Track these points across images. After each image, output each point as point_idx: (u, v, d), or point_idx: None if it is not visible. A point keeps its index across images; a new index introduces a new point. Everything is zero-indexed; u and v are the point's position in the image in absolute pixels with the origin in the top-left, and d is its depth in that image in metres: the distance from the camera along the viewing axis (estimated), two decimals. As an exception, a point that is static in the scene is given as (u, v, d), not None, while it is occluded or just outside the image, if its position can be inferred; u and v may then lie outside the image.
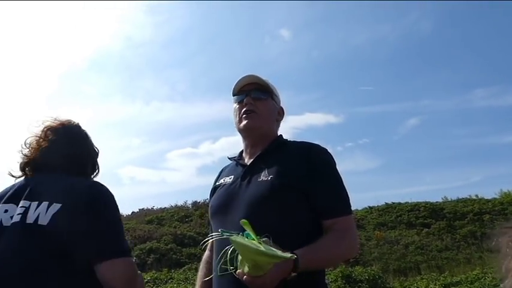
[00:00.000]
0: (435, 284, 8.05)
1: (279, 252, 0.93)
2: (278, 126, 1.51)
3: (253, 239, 0.97)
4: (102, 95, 38.25)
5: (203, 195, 18.05)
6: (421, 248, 12.51)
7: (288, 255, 0.92)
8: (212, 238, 1.14)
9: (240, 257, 0.98)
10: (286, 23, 40.99)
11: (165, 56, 43.36)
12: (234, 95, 1.46)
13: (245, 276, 0.98)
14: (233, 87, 1.45)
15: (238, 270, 1.00)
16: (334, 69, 38.79)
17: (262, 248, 0.92)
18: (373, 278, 7.87)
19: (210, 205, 1.43)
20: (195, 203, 16.92)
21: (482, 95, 30.00)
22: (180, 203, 17.50)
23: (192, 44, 43.97)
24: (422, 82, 33.54)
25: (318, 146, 1.37)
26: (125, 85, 39.68)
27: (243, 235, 0.99)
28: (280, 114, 1.50)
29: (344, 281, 7.49)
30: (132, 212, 16.35)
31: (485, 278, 7.73)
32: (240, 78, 1.42)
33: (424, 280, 8.73)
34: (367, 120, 33.02)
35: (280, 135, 1.48)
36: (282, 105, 1.53)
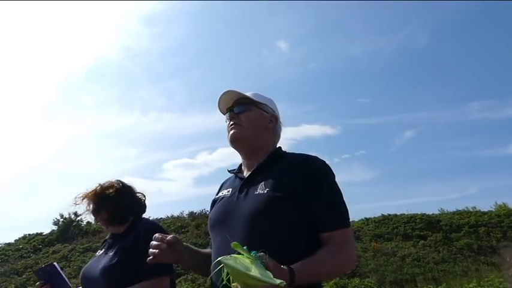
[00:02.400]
0: (432, 297, 8.00)
1: (269, 276, 0.93)
2: (274, 134, 1.49)
3: (248, 258, 0.97)
4: (99, 105, 38.20)
5: (200, 205, 17.94)
6: (418, 260, 12.47)
7: (277, 281, 0.91)
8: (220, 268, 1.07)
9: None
10: (283, 35, 41.42)
11: (162, 66, 43.56)
12: (224, 114, 1.51)
13: None
14: (218, 107, 1.50)
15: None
16: (331, 81, 39.10)
17: (252, 272, 0.92)
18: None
19: (209, 217, 1.45)
20: (191, 214, 16.82)
21: (478, 107, 30.25)
22: (176, 213, 17.38)
23: (189, 55, 44.24)
24: (418, 94, 33.83)
25: (316, 158, 1.37)
26: (122, 95, 39.72)
27: (239, 254, 0.98)
28: (272, 121, 1.48)
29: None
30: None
31: (481, 291, 7.70)
32: (219, 97, 1.47)
33: (420, 292, 8.69)
34: (363, 132, 33.14)
35: (279, 147, 1.48)
36: (280, 114, 1.52)
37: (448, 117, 30.28)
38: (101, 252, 1.94)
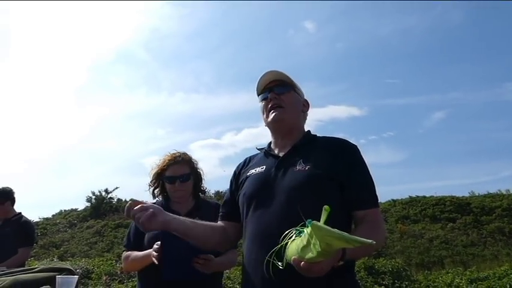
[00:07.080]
0: (461, 279, 7.84)
1: (360, 238, 0.90)
2: (305, 118, 1.56)
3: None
4: (128, 86, 39.10)
5: (225, 185, 18.22)
6: (446, 242, 12.29)
7: (368, 240, 0.89)
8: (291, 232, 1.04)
9: (300, 245, 0.96)
10: (310, 15, 40.42)
11: (190, 47, 43.80)
12: (258, 94, 1.53)
13: (302, 263, 0.96)
14: (256, 86, 1.52)
15: (293, 257, 0.98)
16: (359, 62, 38.08)
17: (345, 233, 0.90)
18: (396, 270, 7.78)
19: (242, 193, 1.43)
20: (217, 193, 17.17)
21: (513, 87, 28.65)
22: (202, 192, 17.78)
23: (217, 36, 44.16)
24: (450, 75, 32.32)
25: (349, 141, 1.43)
26: (150, 76, 40.40)
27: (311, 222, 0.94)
28: (305, 106, 1.56)
29: (367, 273, 7.45)
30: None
31: (514, 275, 7.48)
32: (261, 76, 1.49)
33: (449, 274, 8.56)
34: (391, 113, 32.28)
35: (309, 130, 1.53)
36: (306, 98, 1.58)
37: (481, 98, 28.95)
38: None
